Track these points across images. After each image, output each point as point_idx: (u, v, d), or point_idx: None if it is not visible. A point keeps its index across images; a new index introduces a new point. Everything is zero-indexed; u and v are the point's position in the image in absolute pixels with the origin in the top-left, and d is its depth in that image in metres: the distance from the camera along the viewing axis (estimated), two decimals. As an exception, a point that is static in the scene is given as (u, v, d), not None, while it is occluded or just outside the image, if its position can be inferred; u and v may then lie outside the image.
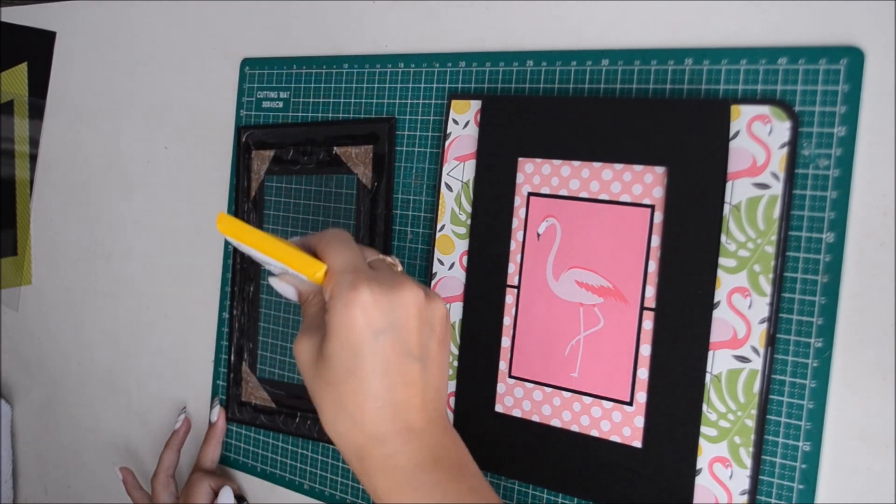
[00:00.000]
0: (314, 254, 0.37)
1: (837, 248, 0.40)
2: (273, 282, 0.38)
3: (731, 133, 0.42)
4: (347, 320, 0.34)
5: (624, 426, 0.44)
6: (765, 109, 0.41)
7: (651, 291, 0.44)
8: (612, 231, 0.45)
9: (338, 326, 0.34)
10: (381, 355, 0.34)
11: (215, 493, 0.59)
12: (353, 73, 0.56)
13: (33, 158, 0.79)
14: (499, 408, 0.49)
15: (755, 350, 0.41)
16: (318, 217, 0.58)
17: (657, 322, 0.43)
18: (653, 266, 0.44)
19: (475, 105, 0.50)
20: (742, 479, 0.41)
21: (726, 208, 0.42)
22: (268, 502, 0.61)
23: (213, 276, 0.64)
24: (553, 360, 0.47)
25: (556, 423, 0.47)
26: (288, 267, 0.36)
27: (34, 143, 0.79)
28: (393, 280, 0.35)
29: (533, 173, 0.48)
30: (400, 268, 0.38)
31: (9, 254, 0.81)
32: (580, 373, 0.46)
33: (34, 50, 0.79)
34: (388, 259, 0.38)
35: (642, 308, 0.44)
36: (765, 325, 0.41)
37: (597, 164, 0.45)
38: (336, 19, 0.58)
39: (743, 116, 0.41)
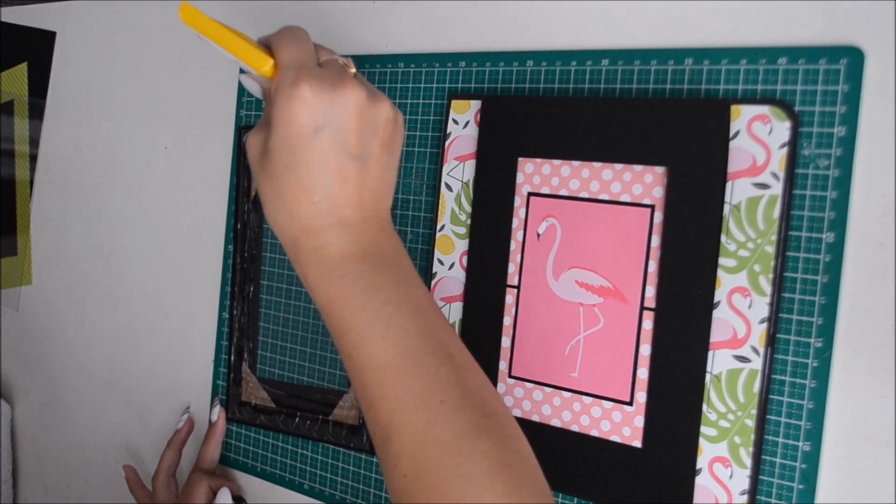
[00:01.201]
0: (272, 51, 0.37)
1: (837, 248, 0.40)
2: (242, 79, 0.39)
3: (731, 133, 0.42)
4: (288, 116, 0.34)
5: (624, 426, 0.44)
6: (765, 109, 0.41)
7: (651, 291, 0.44)
8: (612, 231, 0.45)
9: (279, 121, 0.35)
10: (319, 152, 0.35)
11: (214, 493, 0.59)
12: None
13: (33, 158, 0.79)
14: (499, 408, 0.49)
15: (755, 350, 0.41)
16: (318, 217, 0.57)
17: (657, 322, 0.43)
18: (653, 266, 0.44)
19: (475, 105, 0.50)
20: (742, 479, 0.41)
21: (726, 208, 0.42)
22: (268, 502, 0.61)
23: (213, 276, 0.64)
24: (553, 360, 0.47)
25: (555, 423, 0.47)
26: (240, 60, 0.37)
27: (34, 143, 0.79)
28: (337, 78, 0.35)
29: (533, 173, 0.48)
30: (353, 69, 0.38)
31: (9, 254, 0.81)
32: (580, 373, 0.46)
33: (34, 50, 0.79)
34: (341, 59, 0.38)
35: (642, 308, 0.44)
36: (765, 325, 0.41)
37: (597, 164, 0.45)
38: (336, 19, 0.58)
39: (743, 116, 0.41)
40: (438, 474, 0.31)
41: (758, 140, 0.41)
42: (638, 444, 0.44)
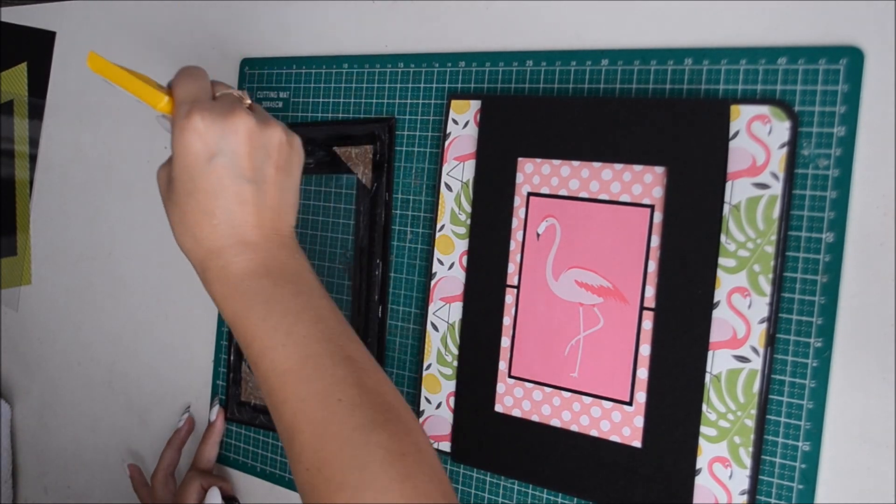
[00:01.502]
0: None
1: (837, 248, 0.40)
2: (159, 121, 0.42)
3: (731, 133, 0.42)
4: (183, 146, 0.37)
5: (624, 426, 0.44)
6: (764, 109, 0.41)
7: (651, 291, 0.44)
8: (611, 231, 0.45)
9: (177, 152, 0.38)
10: (214, 177, 0.37)
11: (206, 492, 0.59)
12: (353, 73, 0.56)
13: (33, 158, 0.79)
14: (498, 408, 0.49)
15: (755, 350, 0.41)
16: (318, 217, 0.58)
17: (657, 322, 0.43)
18: (653, 266, 0.44)
19: (475, 105, 0.50)
20: (742, 479, 0.41)
21: (726, 208, 0.42)
22: (266, 502, 0.61)
23: (212, 276, 0.64)
24: (553, 360, 0.47)
25: (555, 422, 0.47)
26: (141, 100, 0.40)
27: (34, 143, 0.79)
28: (227, 109, 0.38)
29: (533, 173, 0.48)
30: (248, 101, 0.41)
31: (9, 254, 0.81)
32: (580, 373, 0.46)
33: (34, 50, 0.79)
34: (236, 93, 0.41)
35: (642, 308, 0.44)
36: (764, 325, 0.41)
37: (596, 164, 0.45)
38: (336, 19, 0.58)
39: (742, 116, 0.41)
40: (336, 465, 0.33)
41: (757, 140, 0.41)
42: (638, 444, 0.44)
